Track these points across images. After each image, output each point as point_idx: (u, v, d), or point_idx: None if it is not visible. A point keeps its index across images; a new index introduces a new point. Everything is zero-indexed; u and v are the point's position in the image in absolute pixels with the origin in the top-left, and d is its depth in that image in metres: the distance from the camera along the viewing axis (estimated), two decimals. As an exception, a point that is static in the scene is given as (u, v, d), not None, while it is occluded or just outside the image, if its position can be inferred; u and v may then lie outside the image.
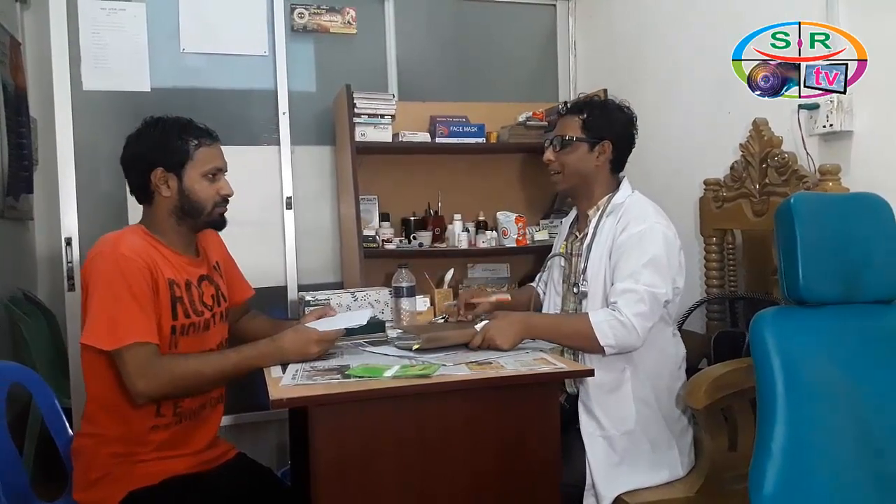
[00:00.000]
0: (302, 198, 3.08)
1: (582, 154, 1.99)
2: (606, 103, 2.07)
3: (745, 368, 1.72)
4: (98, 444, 1.69)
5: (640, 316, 1.78)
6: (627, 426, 1.85)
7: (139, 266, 1.62)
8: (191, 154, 1.74)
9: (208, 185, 1.76)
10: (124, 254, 1.62)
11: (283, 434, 2.67)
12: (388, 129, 2.97)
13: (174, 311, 1.70)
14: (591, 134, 1.99)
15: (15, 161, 3.27)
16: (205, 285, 1.82)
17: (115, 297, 1.59)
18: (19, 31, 3.49)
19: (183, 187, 1.74)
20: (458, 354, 1.77)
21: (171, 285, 1.70)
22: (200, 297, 1.78)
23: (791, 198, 1.43)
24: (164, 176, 1.72)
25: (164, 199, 1.74)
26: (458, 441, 1.55)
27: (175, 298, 1.70)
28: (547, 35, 3.50)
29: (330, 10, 3.12)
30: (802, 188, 1.99)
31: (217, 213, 1.80)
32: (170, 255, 1.74)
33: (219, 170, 1.79)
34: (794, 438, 1.29)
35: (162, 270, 1.68)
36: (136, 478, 1.66)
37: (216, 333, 1.85)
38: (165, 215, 1.76)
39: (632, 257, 1.83)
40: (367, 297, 2.40)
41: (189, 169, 1.74)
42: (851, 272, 1.41)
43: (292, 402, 1.47)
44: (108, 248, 1.64)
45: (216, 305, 1.84)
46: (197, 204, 1.75)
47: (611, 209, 1.96)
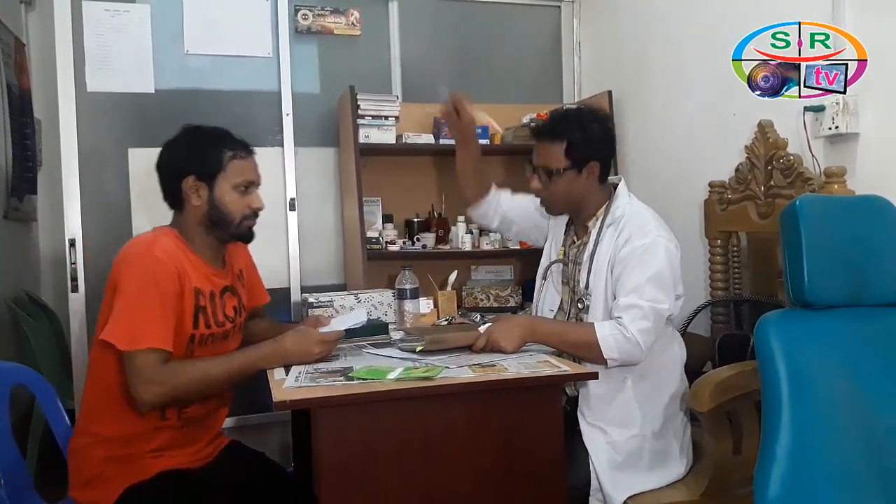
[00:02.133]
0: (305, 199, 3.09)
1: (570, 180, 1.94)
2: (583, 119, 1.95)
3: (750, 371, 1.71)
4: (95, 444, 1.69)
5: (644, 332, 1.77)
6: (631, 430, 1.84)
7: (170, 271, 1.63)
8: (224, 165, 1.73)
9: (239, 198, 1.75)
10: (159, 257, 1.62)
11: (286, 435, 2.67)
12: (391, 130, 2.97)
13: (196, 321, 1.70)
14: (577, 159, 1.92)
15: (19, 162, 3.28)
16: (227, 297, 1.81)
17: (142, 300, 1.59)
18: (24, 33, 3.49)
19: (213, 197, 1.73)
20: (461, 357, 1.76)
21: (197, 294, 1.70)
22: (223, 309, 1.78)
23: (796, 200, 1.42)
24: (196, 185, 1.72)
25: (194, 208, 1.74)
26: (461, 443, 1.55)
27: (199, 307, 1.70)
28: (551, 36, 3.49)
29: (334, 11, 3.13)
30: (808, 190, 1.99)
31: (245, 227, 1.79)
32: (198, 264, 1.74)
33: (251, 183, 1.78)
34: (800, 442, 1.28)
35: (190, 278, 1.68)
36: (130, 475, 1.66)
37: (233, 343, 1.85)
38: (195, 224, 1.75)
39: (635, 272, 1.81)
40: (371, 298, 2.39)
41: (221, 180, 1.73)
42: (857, 275, 1.40)
43: (295, 403, 1.46)
44: (143, 249, 1.65)
45: (237, 317, 1.84)
46: (226, 216, 1.74)
47: (611, 220, 1.94)
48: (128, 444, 1.68)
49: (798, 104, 2.06)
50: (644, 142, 2.94)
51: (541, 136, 1.98)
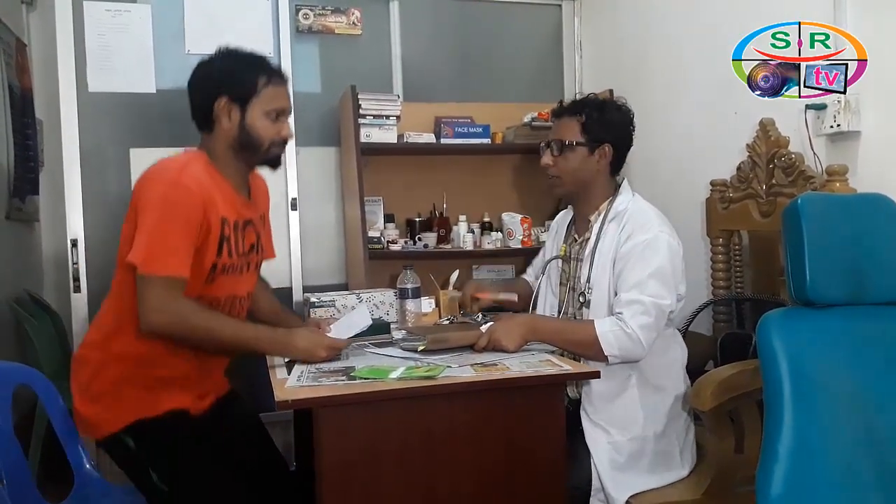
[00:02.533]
0: (307, 199, 3.09)
1: (581, 158, 1.96)
2: (605, 103, 2.02)
3: (752, 370, 1.71)
4: (109, 360, 1.68)
5: (645, 328, 1.77)
6: (634, 431, 1.84)
7: (195, 201, 1.60)
8: (258, 89, 1.70)
9: (270, 125, 1.73)
10: (187, 184, 1.60)
11: (288, 435, 2.67)
12: (393, 130, 2.97)
13: (220, 249, 1.68)
14: (591, 137, 1.95)
15: (21, 162, 3.27)
16: (248, 231, 1.79)
17: (166, 226, 1.58)
18: (25, 33, 3.49)
19: (244, 122, 1.71)
20: (463, 356, 1.76)
21: (223, 223, 1.68)
22: (244, 241, 1.77)
23: (798, 198, 1.42)
24: (228, 106, 1.70)
25: (224, 130, 1.71)
26: (463, 442, 1.55)
27: (224, 237, 1.68)
28: (552, 35, 3.49)
29: (335, 11, 3.13)
30: (809, 189, 1.98)
31: (274, 153, 1.76)
32: (227, 191, 1.72)
33: (283, 111, 1.75)
34: (802, 441, 1.28)
35: (217, 207, 1.66)
36: (140, 405, 1.66)
37: (247, 281, 1.84)
38: (224, 147, 1.73)
39: (637, 268, 1.81)
40: (372, 298, 2.39)
41: (254, 104, 1.70)
42: (859, 273, 1.39)
43: (298, 403, 1.46)
44: (172, 174, 1.62)
45: (253, 254, 1.83)
46: (255, 140, 1.72)
47: (613, 215, 1.94)
48: (142, 365, 1.67)
49: (799, 102, 2.06)
50: (645, 140, 2.91)
51: (560, 112, 2.03)
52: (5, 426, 1.84)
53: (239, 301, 1.81)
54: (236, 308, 1.80)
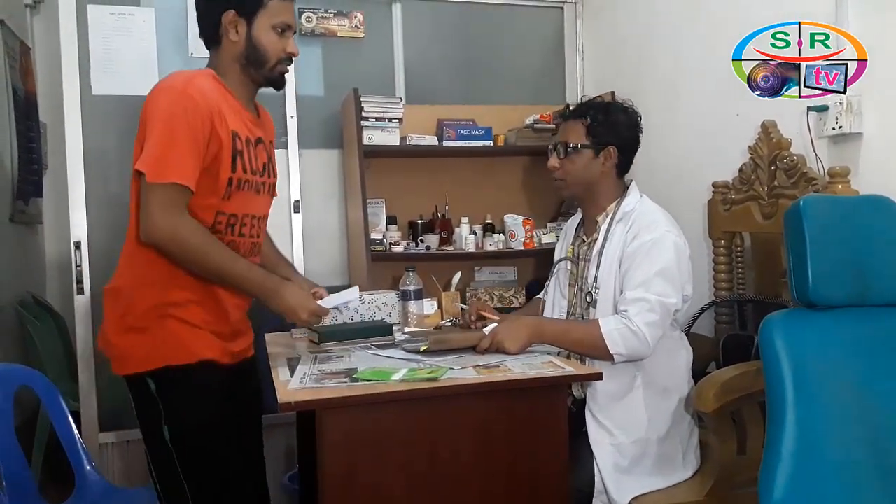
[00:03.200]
0: (310, 201, 3.09)
1: (587, 160, 1.98)
2: (610, 106, 2.05)
3: (755, 372, 1.71)
4: (137, 284, 1.66)
5: (651, 325, 1.77)
6: (637, 433, 1.84)
7: (202, 113, 1.59)
8: (265, 2, 1.70)
9: (276, 39, 1.72)
10: (192, 95, 1.59)
11: (291, 438, 2.67)
12: (395, 132, 2.98)
13: (234, 163, 1.67)
14: (596, 139, 1.97)
15: (24, 165, 3.29)
16: (259, 149, 1.77)
17: (172, 134, 1.57)
18: (29, 36, 3.50)
19: (251, 35, 1.70)
20: (465, 358, 1.76)
21: (234, 137, 1.67)
22: (257, 158, 1.76)
23: (800, 200, 1.42)
24: (235, 20, 1.69)
25: (231, 45, 1.71)
26: (466, 444, 1.55)
27: (236, 151, 1.67)
28: (554, 37, 3.50)
29: (338, 14, 3.13)
30: (811, 190, 1.98)
31: (279, 71, 1.76)
32: (236, 107, 1.71)
33: (289, 26, 1.75)
34: (804, 442, 1.28)
35: (227, 120, 1.65)
36: (172, 348, 1.65)
37: (263, 203, 1.83)
38: (230, 61, 1.73)
39: (643, 266, 1.82)
40: (375, 300, 2.39)
41: (260, 17, 1.70)
42: (861, 275, 1.40)
43: (300, 405, 1.47)
44: (178, 84, 1.61)
45: (267, 175, 1.82)
46: (262, 55, 1.72)
47: (621, 216, 1.95)
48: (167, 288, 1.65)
49: (801, 104, 2.06)
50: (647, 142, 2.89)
51: (566, 115, 2.07)
52: (6, 428, 1.85)
53: (257, 221, 1.80)
54: (255, 228, 1.79)
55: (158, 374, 1.64)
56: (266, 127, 1.88)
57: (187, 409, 1.66)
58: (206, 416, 1.67)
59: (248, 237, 1.77)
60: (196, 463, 1.66)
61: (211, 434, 1.68)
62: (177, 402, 1.65)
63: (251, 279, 1.68)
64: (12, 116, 3.17)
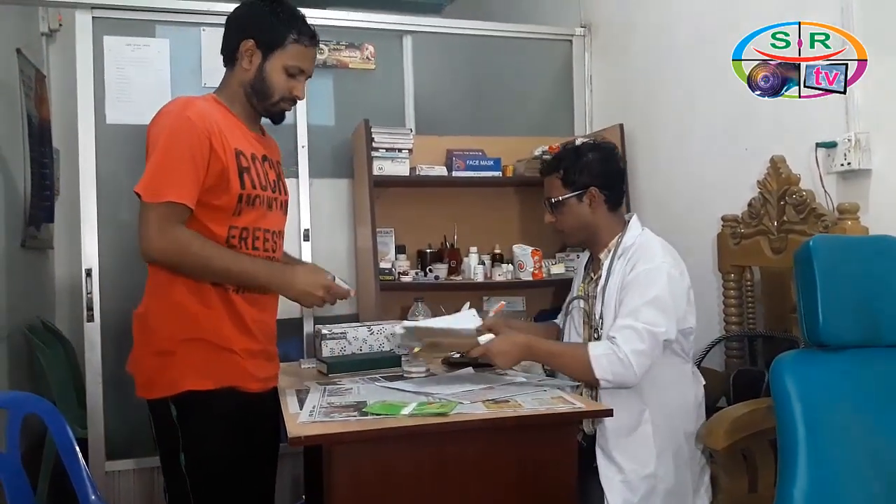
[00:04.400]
0: (319, 229, 3.10)
1: (574, 208, 2.02)
2: (579, 149, 2.08)
3: (765, 409, 1.70)
4: (161, 309, 1.68)
5: (638, 353, 1.78)
6: (647, 469, 1.83)
7: (200, 133, 1.62)
8: (285, 43, 1.74)
9: (285, 80, 1.76)
10: (189, 117, 1.63)
11: (298, 467, 2.66)
12: (405, 162, 3.00)
13: (242, 181, 1.69)
14: (574, 187, 2.01)
15: (37, 190, 3.33)
16: (266, 166, 1.80)
17: (168, 155, 1.60)
18: (45, 64, 3.57)
19: (263, 68, 1.75)
20: (475, 392, 1.76)
21: (238, 155, 1.70)
22: (266, 174, 1.78)
23: (810, 241, 1.42)
24: (252, 50, 1.74)
25: (243, 71, 1.76)
26: (475, 479, 1.54)
27: (242, 168, 1.70)
28: (563, 70, 3.52)
29: (349, 46, 3.17)
30: (821, 226, 1.99)
31: (280, 108, 1.80)
32: (238, 126, 1.75)
33: (302, 71, 1.79)
34: (817, 484, 1.27)
35: (227, 139, 1.68)
36: (196, 373, 1.65)
37: (277, 219, 1.85)
38: (237, 85, 1.77)
39: (635, 295, 1.84)
40: (383, 330, 2.40)
41: (277, 55, 1.74)
42: (872, 315, 1.40)
43: (310, 439, 1.47)
44: (176, 108, 1.66)
45: (277, 192, 1.84)
46: (268, 90, 1.76)
47: (621, 251, 1.96)
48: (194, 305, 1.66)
49: (810, 140, 2.08)
50: (656, 175, 2.95)
51: (543, 171, 2.13)
52: (13, 456, 1.85)
53: (272, 235, 1.81)
54: (270, 242, 1.80)
55: (180, 399, 1.65)
56: (271, 147, 1.91)
57: (205, 437, 1.66)
58: (223, 447, 1.67)
59: (263, 251, 1.78)
60: (209, 493, 1.67)
61: (226, 465, 1.68)
62: (196, 430, 1.66)
63: (258, 270, 1.70)
64: (26, 142, 3.22)
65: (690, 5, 2.72)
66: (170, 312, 1.67)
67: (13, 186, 3.15)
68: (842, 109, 2.01)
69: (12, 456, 1.85)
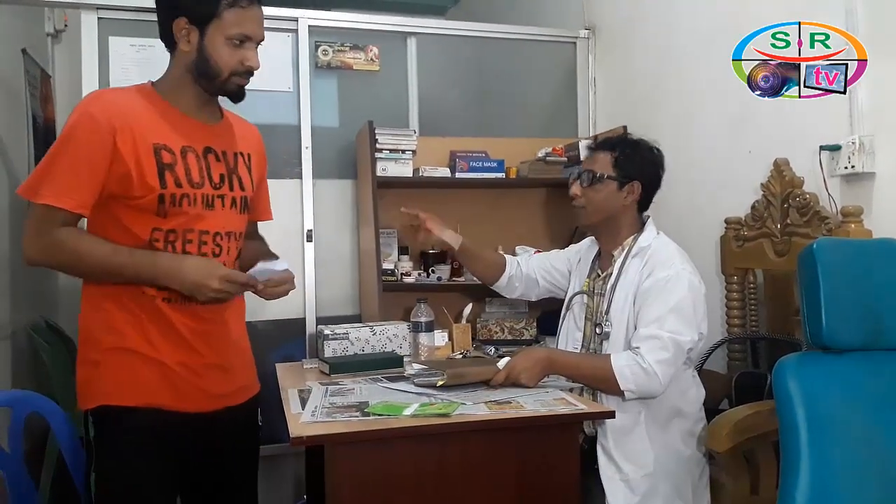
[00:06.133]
0: (322, 230, 3.11)
1: (610, 192, 2.01)
2: (639, 142, 2.08)
3: (768, 412, 1.70)
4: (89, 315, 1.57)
5: (663, 363, 1.77)
6: (647, 469, 1.83)
7: (100, 130, 1.47)
8: (219, 11, 1.53)
9: (231, 52, 1.56)
10: (93, 113, 1.49)
11: (300, 467, 2.67)
12: (408, 163, 3.00)
13: (162, 179, 1.52)
14: (622, 173, 2.00)
15: (42, 191, 3.32)
16: (211, 159, 1.61)
17: (56, 155, 1.49)
18: (50, 65, 3.57)
19: (203, 46, 1.55)
20: (477, 393, 1.76)
21: (157, 151, 1.52)
22: (201, 169, 1.59)
23: (813, 244, 1.42)
24: (187, 28, 1.55)
25: (183, 54, 1.57)
26: (477, 481, 1.55)
27: (163, 164, 1.52)
28: (566, 72, 3.52)
29: (353, 47, 3.17)
30: (824, 229, 1.98)
31: (234, 84, 1.60)
32: (172, 117, 1.57)
33: (247, 37, 1.57)
34: (819, 488, 1.27)
35: (144, 134, 1.51)
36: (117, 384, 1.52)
37: (222, 219, 1.62)
38: (182, 71, 1.59)
39: (657, 303, 1.82)
40: (386, 331, 2.40)
41: (214, 27, 1.54)
42: (874, 318, 1.40)
43: (312, 439, 1.47)
44: (84, 103, 1.53)
45: (225, 187, 1.63)
46: (213, 68, 1.56)
47: (636, 251, 1.96)
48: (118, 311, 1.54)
49: (814, 142, 2.07)
50: (659, 177, 2.95)
51: (595, 145, 2.12)
52: (16, 455, 1.85)
53: (211, 237, 1.60)
54: (210, 245, 1.60)
55: (97, 413, 1.53)
56: (227, 136, 1.70)
57: (115, 460, 1.52)
58: (134, 475, 1.52)
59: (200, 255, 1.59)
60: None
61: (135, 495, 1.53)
62: (107, 450, 1.53)
63: (138, 265, 1.50)
64: (31, 143, 3.22)
65: (694, 8, 2.72)
66: (96, 320, 1.56)
67: (17, 186, 3.16)
68: (846, 112, 2.01)
69: (15, 454, 1.86)
